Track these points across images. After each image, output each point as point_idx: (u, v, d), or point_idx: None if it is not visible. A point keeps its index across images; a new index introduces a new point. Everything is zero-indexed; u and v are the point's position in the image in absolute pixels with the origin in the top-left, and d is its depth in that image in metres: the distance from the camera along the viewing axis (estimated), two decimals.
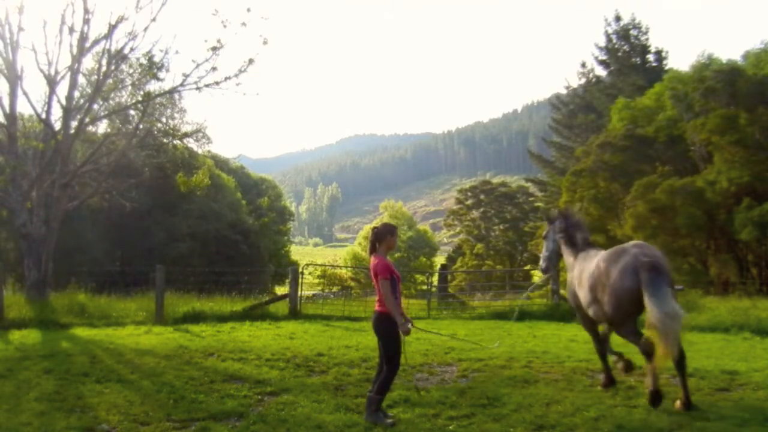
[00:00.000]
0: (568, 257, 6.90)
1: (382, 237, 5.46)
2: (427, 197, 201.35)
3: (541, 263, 7.39)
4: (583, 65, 47.07)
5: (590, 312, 6.19)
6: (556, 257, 7.26)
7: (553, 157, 48.28)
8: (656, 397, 5.50)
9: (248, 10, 12.01)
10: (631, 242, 6.13)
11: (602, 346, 6.61)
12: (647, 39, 42.83)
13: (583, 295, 6.24)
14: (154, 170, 16.66)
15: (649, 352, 5.39)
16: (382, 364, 5.44)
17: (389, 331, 5.24)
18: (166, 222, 30.45)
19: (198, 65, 12.48)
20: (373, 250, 5.48)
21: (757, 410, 5.53)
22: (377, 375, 5.48)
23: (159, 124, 15.55)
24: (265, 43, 12.18)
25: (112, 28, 12.67)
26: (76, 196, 15.28)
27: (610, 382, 6.47)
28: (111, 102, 14.46)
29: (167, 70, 12.92)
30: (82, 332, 10.06)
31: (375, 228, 5.63)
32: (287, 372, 7.12)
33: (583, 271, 6.34)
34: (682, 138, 27.88)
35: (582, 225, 6.97)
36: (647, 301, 5.30)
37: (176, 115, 17.73)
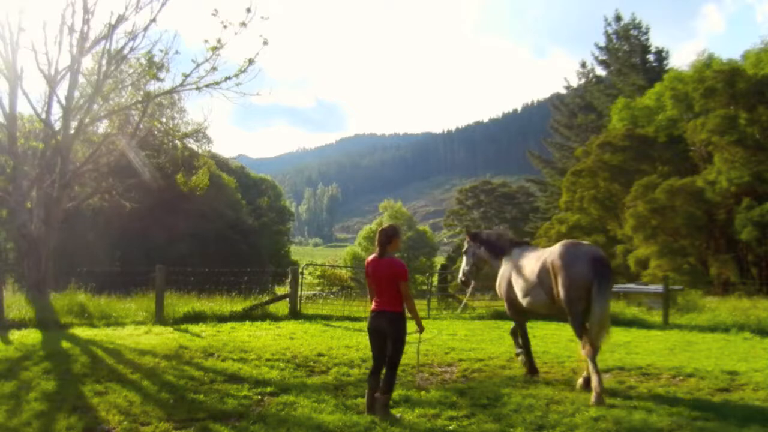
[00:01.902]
0: (496, 263, 7.50)
1: (392, 238, 5.55)
2: (427, 197, 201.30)
3: (461, 277, 7.84)
4: (583, 65, 47.15)
5: (528, 299, 6.80)
6: (476, 271, 7.88)
7: (553, 157, 48.29)
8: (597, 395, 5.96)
9: (248, 10, 11.97)
10: (570, 240, 6.99)
11: (527, 338, 7.21)
12: (647, 39, 42.85)
13: (524, 285, 6.84)
14: (153, 170, 16.61)
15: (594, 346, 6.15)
16: (380, 364, 5.49)
17: (403, 331, 5.45)
18: (166, 222, 30.44)
19: (198, 65, 12.41)
20: (383, 251, 5.51)
21: (757, 410, 5.53)
22: (374, 374, 5.52)
23: (159, 124, 15.50)
24: (265, 43, 12.09)
25: (112, 28, 12.62)
26: (76, 196, 15.24)
27: (534, 371, 7.04)
28: (111, 102, 14.42)
29: (167, 70, 12.84)
30: (82, 332, 10.05)
31: (384, 229, 5.62)
32: (287, 372, 7.11)
33: (523, 264, 6.97)
34: (682, 138, 27.90)
35: (496, 234, 7.86)
36: (596, 295, 6.09)
37: (176, 115, 17.71)
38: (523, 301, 6.90)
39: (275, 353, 8.06)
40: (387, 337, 5.46)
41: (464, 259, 7.90)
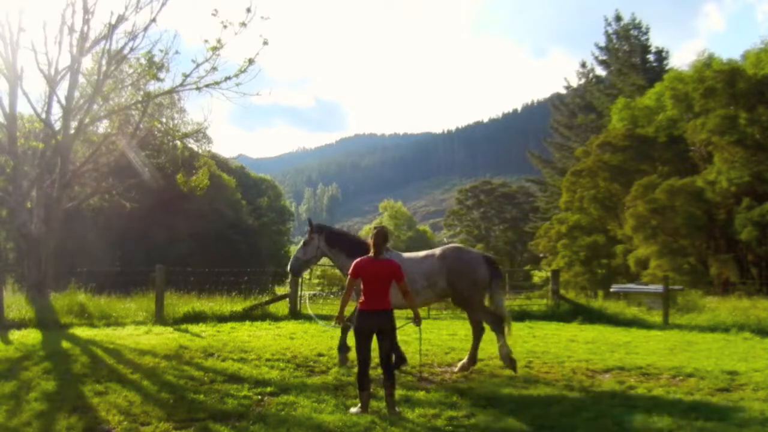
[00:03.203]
0: (348, 263, 7.45)
1: (387, 238, 5.78)
2: (427, 197, 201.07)
3: (293, 265, 7.78)
4: (583, 65, 47.16)
5: (419, 299, 7.21)
6: (313, 263, 7.94)
7: (553, 157, 48.29)
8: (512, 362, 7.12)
9: (248, 10, 11.96)
10: (447, 246, 7.72)
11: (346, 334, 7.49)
12: (647, 39, 42.86)
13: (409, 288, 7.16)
14: (153, 170, 16.60)
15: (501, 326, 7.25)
16: (369, 363, 5.62)
17: (394, 326, 5.74)
18: (166, 222, 30.44)
19: (198, 65, 12.40)
20: (379, 251, 5.68)
21: (757, 410, 5.53)
22: (366, 374, 5.59)
23: (159, 124, 15.48)
24: (265, 43, 12.08)
25: (112, 28, 12.61)
26: (76, 196, 15.24)
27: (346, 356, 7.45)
28: (111, 102, 14.41)
29: (167, 70, 12.82)
30: (82, 332, 10.04)
31: (379, 230, 5.80)
32: (287, 372, 7.11)
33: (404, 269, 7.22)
34: (682, 138, 27.90)
35: (356, 238, 8.03)
36: (495, 288, 7.32)
37: (176, 115, 17.67)
38: (395, 300, 7.21)
39: (275, 353, 8.06)
40: (379, 334, 5.61)
41: (302, 249, 7.72)
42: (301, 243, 7.81)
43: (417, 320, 5.90)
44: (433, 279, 7.25)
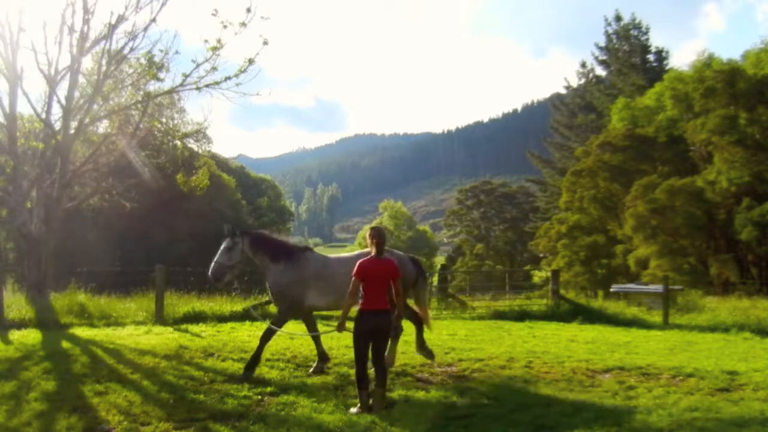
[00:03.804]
0: (273, 266, 7.49)
1: (386, 237, 5.90)
2: (427, 197, 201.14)
3: (216, 271, 7.52)
4: (583, 65, 47.11)
5: (332, 299, 7.29)
6: (239, 269, 7.71)
7: (553, 157, 48.27)
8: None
9: (248, 10, 11.96)
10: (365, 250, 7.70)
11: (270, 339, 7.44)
12: (647, 39, 42.84)
13: (334, 287, 7.16)
14: (153, 170, 16.60)
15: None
16: (366, 363, 5.66)
17: (391, 326, 5.86)
18: (166, 222, 30.42)
19: (198, 65, 12.39)
20: (381, 251, 5.77)
21: (757, 410, 5.53)
22: (365, 374, 5.66)
23: (159, 124, 15.47)
24: (265, 43, 12.07)
25: (112, 28, 12.60)
26: (76, 196, 15.24)
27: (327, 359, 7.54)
28: (111, 102, 14.40)
29: (167, 70, 12.81)
30: (82, 332, 10.04)
31: (379, 230, 5.92)
32: (287, 372, 7.12)
33: (330, 269, 7.38)
34: (682, 138, 27.89)
35: (278, 238, 7.89)
36: (421, 285, 7.66)
37: (176, 115, 17.66)
38: (323, 301, 7.38)
39: (275, 353, 8.06)
40: (376, 334, 5.65)
41: (227, 254, 7.52)
42: (223, 248, 7.53)
43: (398, 318, 6.09)
44: None
